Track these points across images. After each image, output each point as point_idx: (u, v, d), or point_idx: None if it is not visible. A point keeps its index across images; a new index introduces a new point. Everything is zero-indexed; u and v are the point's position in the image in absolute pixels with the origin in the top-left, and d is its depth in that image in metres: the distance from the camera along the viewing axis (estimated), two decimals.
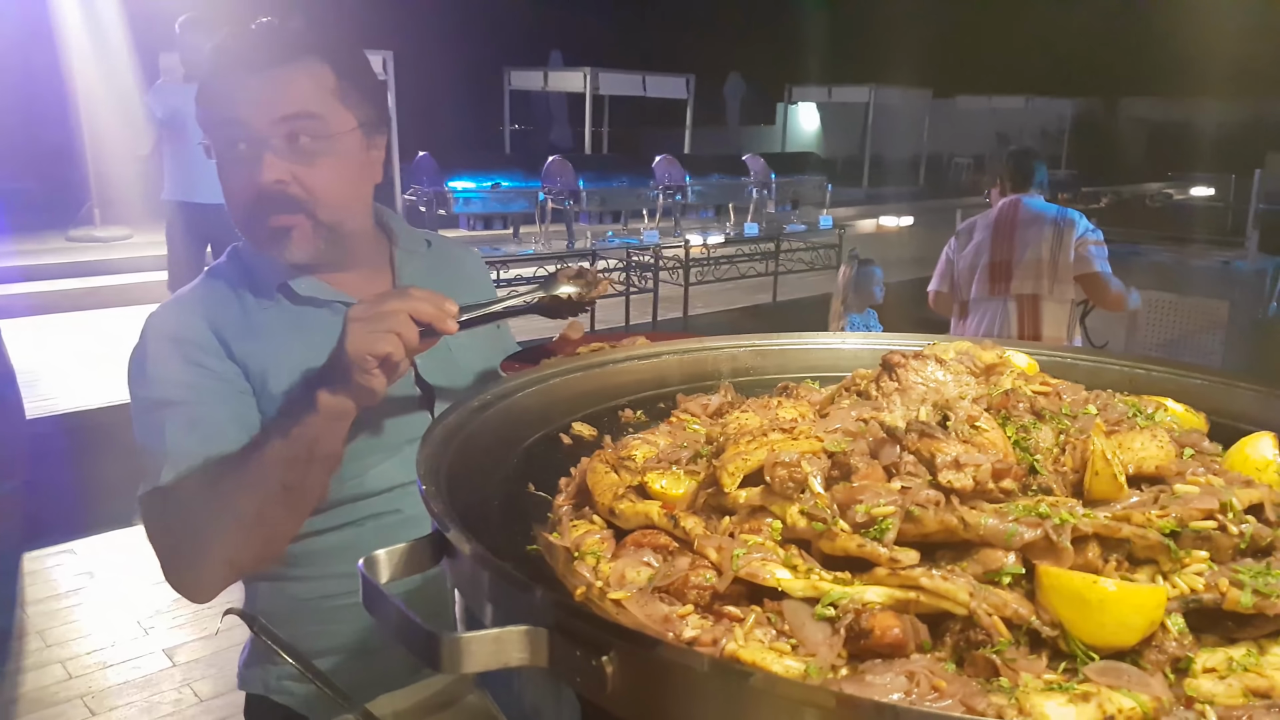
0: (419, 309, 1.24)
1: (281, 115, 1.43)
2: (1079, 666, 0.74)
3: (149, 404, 1.44)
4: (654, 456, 1.11)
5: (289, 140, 1.44)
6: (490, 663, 0.71)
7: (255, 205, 1.46)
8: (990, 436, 0.95)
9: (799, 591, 0.81)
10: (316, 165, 1.46)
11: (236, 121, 1.44)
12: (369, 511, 1.53)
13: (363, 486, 1.52)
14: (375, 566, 0.85)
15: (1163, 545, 0.79)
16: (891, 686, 0.70)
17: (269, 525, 1.36)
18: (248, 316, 1.53)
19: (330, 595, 1.55)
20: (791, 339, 1.58)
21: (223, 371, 1.47)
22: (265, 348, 1.50)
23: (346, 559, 1.53)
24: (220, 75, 1.46)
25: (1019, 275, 4.42)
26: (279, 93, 1.44)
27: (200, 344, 1.47)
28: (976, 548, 0.82)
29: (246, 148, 1.44)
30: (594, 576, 0.90)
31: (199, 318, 1.51)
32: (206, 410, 1.43)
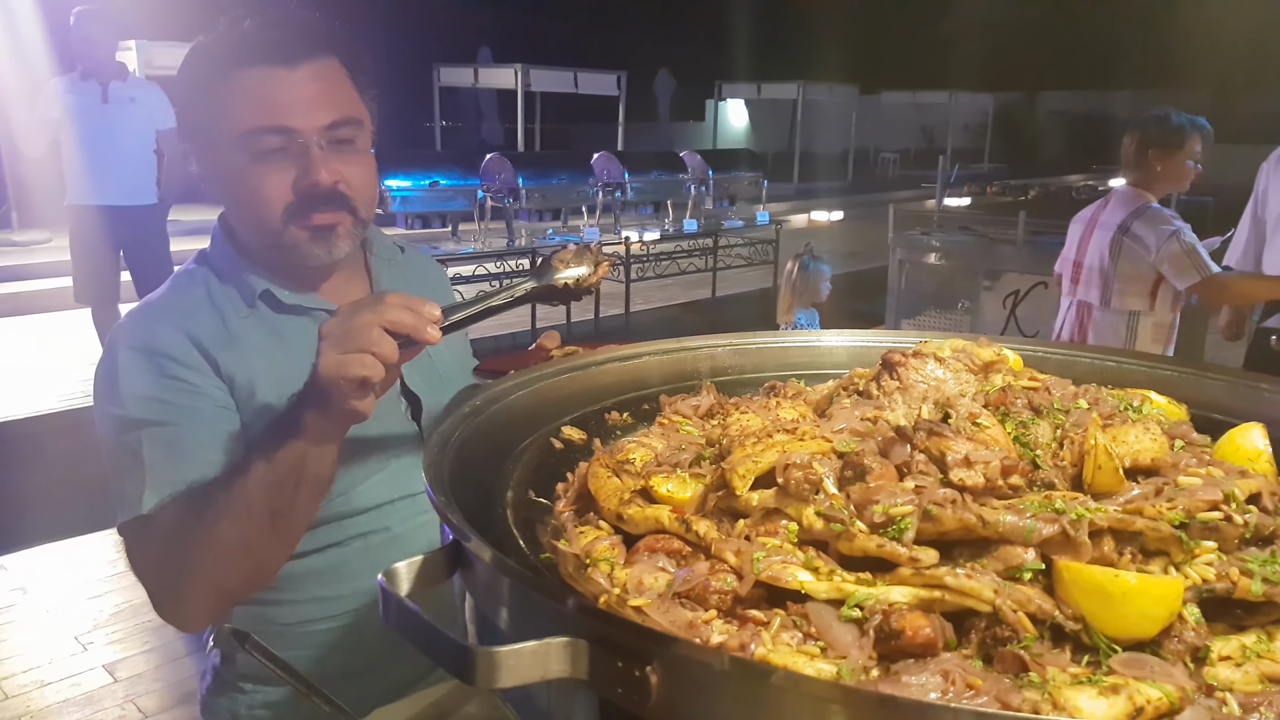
0: (396, 320, 1.13)
1: (329, 123, 1.38)
2: (1102, 659, 0.75)
3: (122, 424, 1.35)
4: (652, 460, 1.10)
5: (334, 142, 1.39)
6: (527, 676, 0.69)
7: (299, 205, 1.38)
8: (992, 433, 0.96)
9: (823, 594, 0.81)
10: (356, 164, 1.42)
11: (282, 130, 1.35)
12: (355, 531, 1.48)
13: (349, 504, 1.46)
14: (396, 579, 0.83)
15: (1174, 537, 0.81)
16: (928, 686, 0.71)
17: (258, 553, 1.29)
18: (226, 325, 1.44)
19: (312, 620, 1.49)
20: (768, 338, 1.59)
21: (202, 386, 1.38)
22: (249, 358, 1.42)
23: (329, 582, 1.48)
24: (231, 70, 1.36)
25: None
26: (319, 95, 1.38)
27: (177, 356, 1.38)
28: (995, 545, 0.83)
29: (289, 149, 1.36)
30: (609, 584, 0.89)
31: (174, 327, 1.41)
32: (186, 430, 1.34)
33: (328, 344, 1.13)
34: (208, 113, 1.38)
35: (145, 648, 3.61)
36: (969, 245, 7.96)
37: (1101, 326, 3.87)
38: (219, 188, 1.42)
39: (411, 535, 1.52)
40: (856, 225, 15.89)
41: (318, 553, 1.47)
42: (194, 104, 1.40)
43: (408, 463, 1.52)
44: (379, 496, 1.48)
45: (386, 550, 1.49)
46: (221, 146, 1.37)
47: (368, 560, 1.48)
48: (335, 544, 1.47)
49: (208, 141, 1.39)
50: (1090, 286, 3.91)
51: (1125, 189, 3.90)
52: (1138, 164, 3.79)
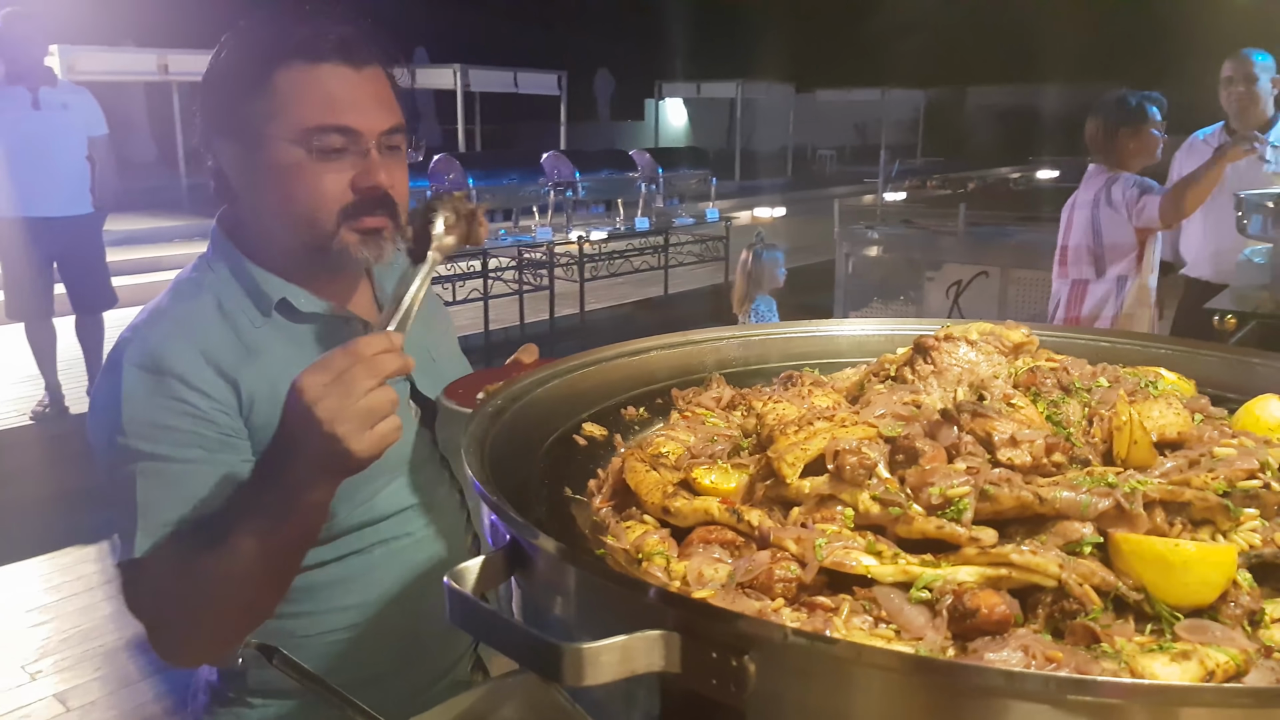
0: (391, 370, 1.12)
1: (387, 128, 1.37)
2: (1165, 627, 0.78)
3: (120, 453, 1.28)
4: (685, 453, 1.11)
5: (386, 148, 1.38)
6: (617, 672, 0.69)
7: (355, 207, 1.35)
8: (1026, 413, 0.99)
9: (888, 577, 0.82)
10: (400, 169, 1.41)
11: (342, 130, 1.33)
12: (377, 538, 1.45)
13: (372, 512, 1.43)
14: (463, 579, 0.81)
15: (1222, 506, 0.84)
16: (1011, 662, 0.72)
17: (258, 593, 1.27)
18: (242, 339, 1.37)
19: (333, 630, 1.45)
20: (771, 330, 1.60)
21: (209, 412, 1.30)
22: (272, 372, 1.35)
23: (353, 590, 1.45)
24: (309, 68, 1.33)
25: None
26: (382, 98, 1.38)
27: (188, 377, 1.30)
28: (1051, 521, 0.84)
29: (349, 150, 1.34)
30: (668, 577, 0.89)
31: (187, 343, 1.32)
32: (190, 467, 1.28)
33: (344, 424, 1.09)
34: (261, 106, 1.32)
35: (96, 674, 3.49)
36: (911, 238, 8.14)
37: (1093, 297, 4.05)
38: (263, 185, 1.36)
39: (432, 538, 1.50)
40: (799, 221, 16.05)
41: (338, 561, 1.44)
42: (241, 96, 1.34)
43: (425, 468, 1.51)
44: (400, 502, 1.47)
45: (409, 555, 1.48)
46: (275, 142, 1.32)
47: (391, 566, 1.46)
48: (357, 551, 1.45)
49: (256, 136, 1.33)
50: (1080, 264, 4.10)
51: (1093, 168, 4.11)
52: (1108, 145, 4.02)
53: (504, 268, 8.35)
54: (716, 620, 0.68)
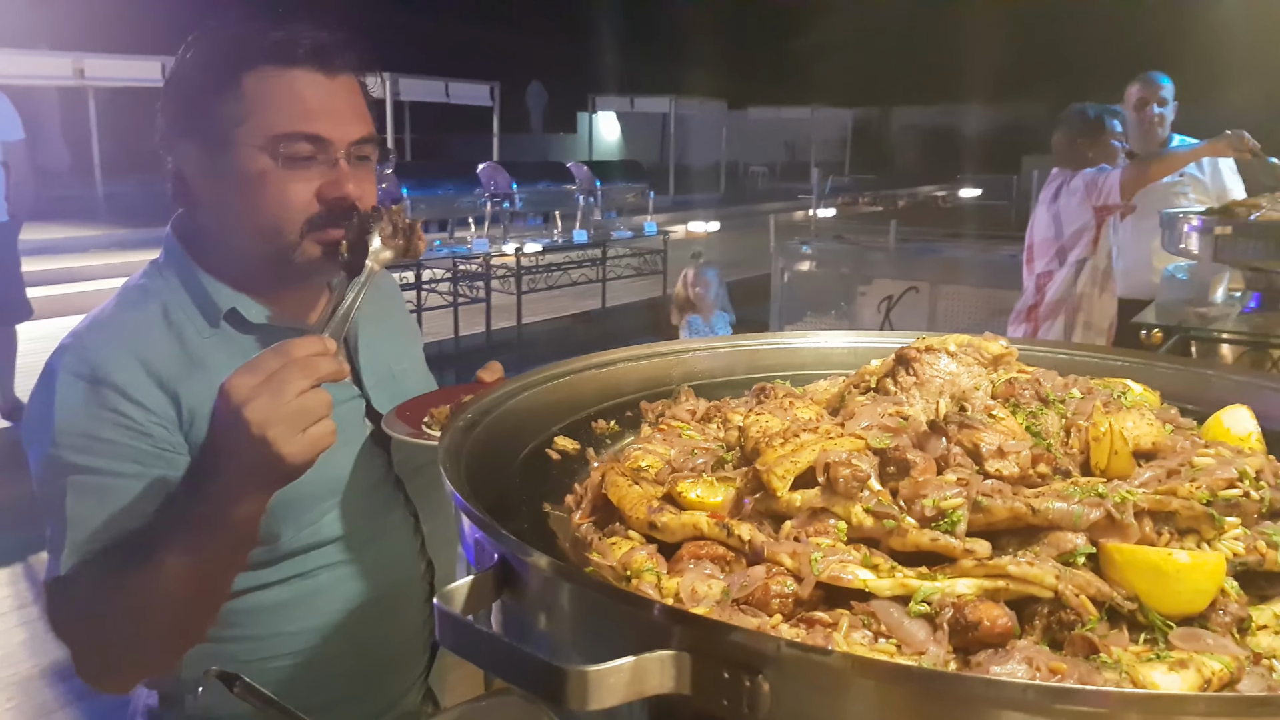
0: (321, 369, 1.08)
1: (357, 139, 1.33)
2: (1158, 636, 0.78)
3: (51, 464, 1.23)
4: (665, 467, 1.09)
5: (355, 158, 1.34)
6: (625, 695, 0.66)
7: (322, 217, 1.31)
8: (1007, 424, 0.99)
9: (886, 591, 0.81)
10: (367, 179, 1.37)
11: (312, 138, 1.29)
12: (323, 562, 1.40)
13: (318, 535, 1.38)
14: (452, 600, 0.78)
15: (1206, 515, 0.85)
16: (1016, 675, 0.72)
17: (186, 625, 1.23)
18: (187, 350, 1.32)
19: (275, 656, 1.39)
20: (736, 342, 1.59)
21: (145, 425, 1.26)
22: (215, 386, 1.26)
23: (295, 616, 1.39)
24: (280, 73, 1.29)
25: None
26: (354, 108, 1.34)
27: (125, 388, 1.25)
28: (1044, 532, 0.85)
29: (318, 159, 1.30)
30: (659, 594, 0.86)
31: (126, 352, 1.27)
32: (123, 482, 1.23)
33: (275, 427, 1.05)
34: (229, 109, 1.28)
35: (10, 704, 3.35)
36: (844, 253, 8.30)
37: (1055, 284, 4.27)
38: (227, 191, 1.31)
39: (382, 565, 1.45)
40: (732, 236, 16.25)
41: (282, 584, 1.38)
42: (207, 98, 1.29)
43: (377, 490, 1.45)
44: (349, 525, 1.41)
45: (357, 581, 1.42)
46: (241, 147, 1.28)
47: (338, 592, 1.41)
48: (301, 575, 1.39)
49: (221, 140, 1.29)
50: (1046, 256, 4.33)
51: (1055, 171, 4.39)
52: (1070, 154, 4.30)
53: (438, 279, 8.23)
54: (731, 639, 0.66)
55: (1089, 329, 4.16)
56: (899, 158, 35.09)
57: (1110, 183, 3.96)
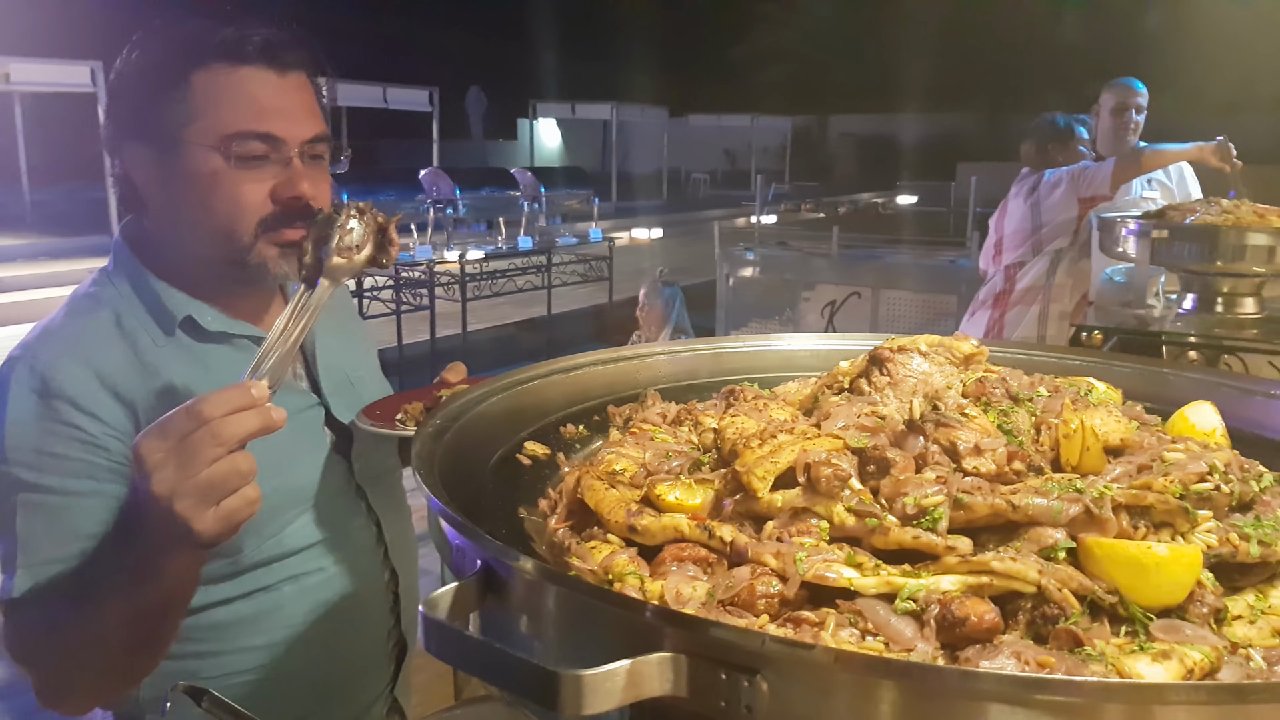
0: (240, 430, 0.98)
1: (311, 137, 1.29)
2: (1138, 628, 0.80)
3: (3, 483, 1.19)
4: (640, 470, 1.08)
5: (309, 157, 1.30)
6: (620, 699, 0.65)
7: (276, 218, 1.27)
8: (980, 423, 1.00)
9: (871, 589, 0.81)
10: (321, 178, 1.33)
11: (264, 136, 1.25)
12: (286, 574, 1.36)
13: (280, 546, 1.34)
14: (436, 607, 0.76)
15: (1181, 508, 0.87)
16: (1006, 670, 0.72)
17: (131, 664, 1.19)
18: (142, 358, 1.28)
19: (239, 671, 1.35)
20: (701, 345, 1.59)
21: (100, 438, 1.21)
22: (173, 394, 1.25)
23: (258, 630, 1.36)
24: (230, 71, 1.25)
25: None
26: (307, 106, 1.30)
27: (78, 400, 1.21)
28: (1023, 528, 0.86)
29: (271, 158, 1.26)
30: (642, 597, 0.85)
31: (79, 363, 1.23)
32: (77, 500, 1.19)
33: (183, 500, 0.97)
34: (177, 109, 1.24)
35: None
36: (787, 259, 8.39)
37: (1029, 271, 4.30)
38: (177, 194, 1.27)
39: (345, 575, 1.41)
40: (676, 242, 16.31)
41: (245, 599, 1.34)
42: (155, 98, 1.25)
43: (339, 498, 1.42)
44: (311, 536, 1.38)
45: (320, 592, 1.39)
46: (191, 148, 1.24)
47: (301, 604, 1.37)
48: (264, 589, 1.35)
49: (170, 141, 1.24)
50: (1016, 248, 4.36)
51: (1024, 171, 4.44)
52: (1039, 160, 4.38)
53: (381, 287, 8.11)
54: (727, 638, 0.65)
55: (1063, 320, 4.23)
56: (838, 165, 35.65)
57: (1101, 174, 4.02)
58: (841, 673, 0.62)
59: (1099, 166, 4.07)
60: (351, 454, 1.44)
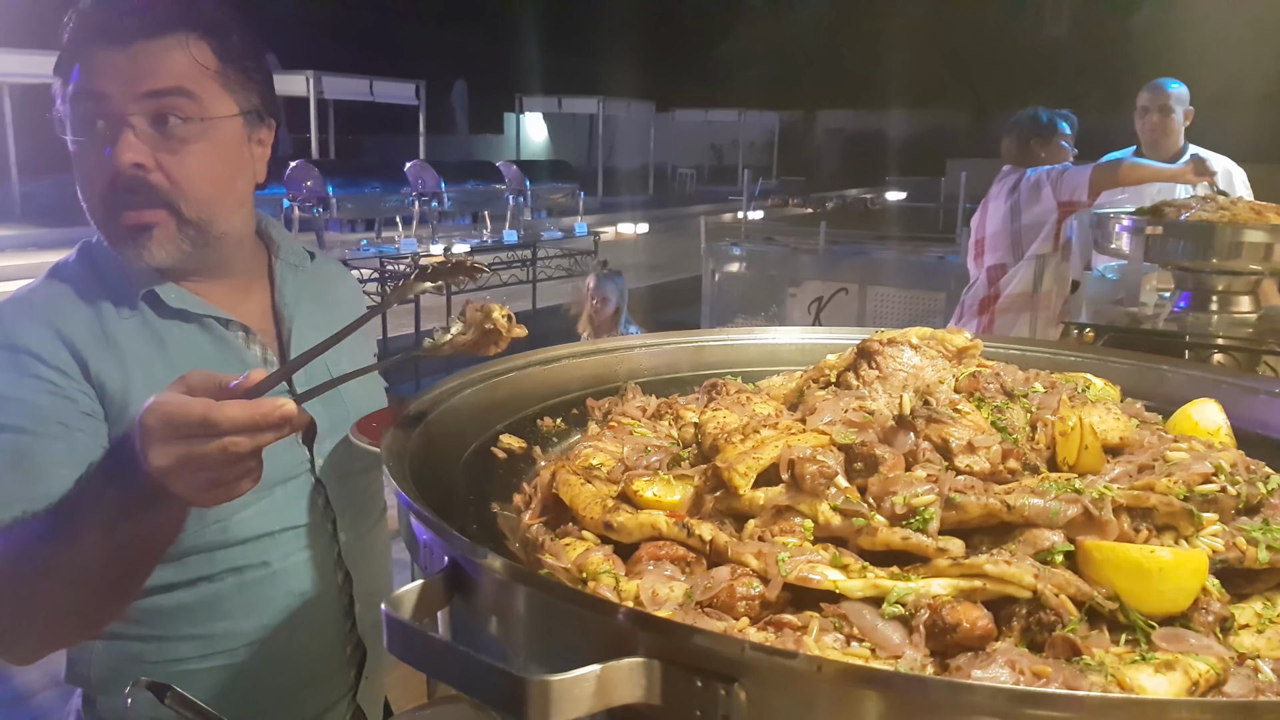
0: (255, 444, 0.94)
1: (148, 90, 1.20)
2: (1140, 637, 0.76)
3: None
4: (617, 465, 1.03)
5: (155, 121, 1.22)
6: (590, 706, 0.61)
7: (111, 195, 1.22)
8: (973, 419, 0.96)
9: (858, 592, 0.77)
10: (185, 153, 1.24)
11: (94, 95, 1.20)
12: (229, 564, 1.31)
13: (225, 533, 1.29)
14: (400, 606, 0.71)
15: (1185, 511, 0.83)
16: (1000, 679, 0.68)
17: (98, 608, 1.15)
18: (104, 327, 1.28)
19: (181, 659, 1.31)
20: (682, 337, 1.55)
21: (67, 389, 1.23)
22: (125, 365, 1.26)
23: (201, 619, 1.31)
24: (81, 43, 1.22)
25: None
26: (147, 65, 1.21)
27: (43, 355, 1.23)
28: (1019, 529, 0.82)
29: (105, 126, 1.20)
30: (617, 597, 0.81)
31: (43, 324, 1.25)
32: (41, 443, 1.19)
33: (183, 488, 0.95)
34: (59, 82, 1.25)
35: None
36: (774, 255, 8.34)
37: (1014, 277, 4.19)
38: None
39: (293, 571, 1.36)
40: (662, 238, 16.26)
41: (188, 586, 1.30)
42: (56, 72, 1.25)
43: (294, 491, 1.36)
44: (259, 527, 1.32)
45: (264, 588, 1.33)
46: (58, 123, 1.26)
47: (243, 599, 1.32)
48: (206, 578, 1.30)
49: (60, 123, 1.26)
50: (997, 250, 4.26)
51: (1006, 169, 4.34)
52: (1021, 155, 4.28)
53: (366, 280, 8.02)
54: (703, 644, 0.60)
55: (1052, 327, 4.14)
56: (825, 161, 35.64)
57: (1079, 180, 3.94)
58: (824, 683, 0.57)
59: (1077, 171, 3.99)
60: (313, 447, 1.38)
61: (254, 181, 1.40)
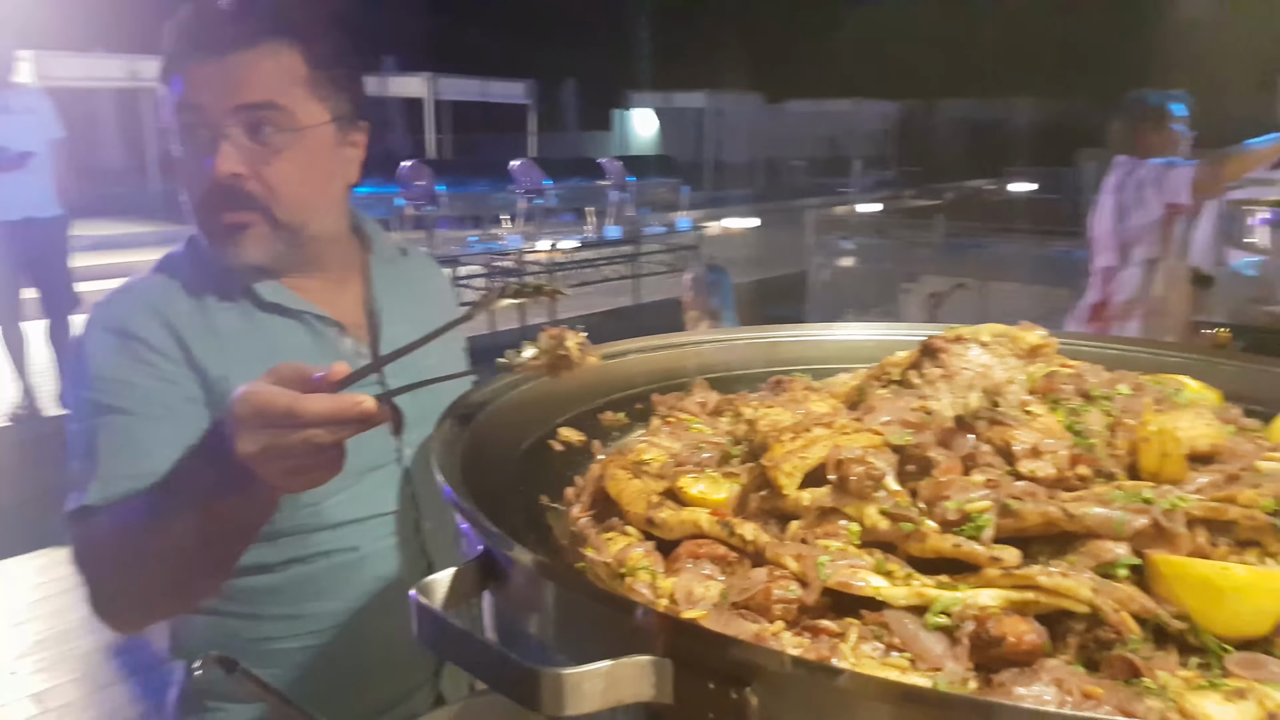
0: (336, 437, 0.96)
1: (241, 103, 1.27)
2: (1212, 660, 0.70)
3: (85, 406, 1.28)
4: (669, 460, 1.02)
5: (250, 131, 1.28)
6: (602, 701, 0.60)
7: (210, 199, 1.29)
8: (1045, 422, 0.91)
9: (901, 600, 0.73)
10: (279, 160, 1.30)
11: (194, 106, 1.28)
12: (320, 548, 1.36)
13: (318, 517, 1.35)
14: (431, 593, 0.72)
15: (1270, 526, 0.76)
16: (1043, 698, 0.64)
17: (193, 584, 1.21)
18: (207, 317, 1.36)
19: (272, 638, 1.37)
20: (755, 333, 1.52)
21: (173, 375, 1.30)
22: (226, 354, 1.33)
23: (293, 599, 1.37)
24: (180, 56, 1.29)
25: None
26: (240, 78, 1.27)
27: (152, 342, 1.30)
28: (1080, 540, 0.76)
29: (204, 136, 1.28)
30: (653, 594, 0.79)
31: (152, 312, 1.33)
32: (148, 424, 1.26)
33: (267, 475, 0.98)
34: (162, 92, 1.32)
35: (73, 676, 3.44)
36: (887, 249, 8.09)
37: (1123, 281, 3.96)
38: None
39: (380, 556, 1.40)
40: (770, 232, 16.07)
41: (281, 567, 1.36)
42: (161, 82, 1.33)
43: (383, 479, 1.41)
44: (349, 513, 1.37)
45: (353, 571, 1.38)
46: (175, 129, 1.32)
47: (333, 580, 1.37)
48: (299, 560, 1.36)
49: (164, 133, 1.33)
50: (1107, 250, 4.02)
51: (1119, 159, 4.08)
52: (1130, 142, 4.03)
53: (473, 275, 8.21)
54: (715, 647, 0.59)
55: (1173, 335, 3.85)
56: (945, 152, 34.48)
57: (1179, 180, 3.65)
58: (835, 692, 0.55)
59: (1178, 171, 3.69)
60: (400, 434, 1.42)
61: (347, 183, 1.45)
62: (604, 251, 8.78)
